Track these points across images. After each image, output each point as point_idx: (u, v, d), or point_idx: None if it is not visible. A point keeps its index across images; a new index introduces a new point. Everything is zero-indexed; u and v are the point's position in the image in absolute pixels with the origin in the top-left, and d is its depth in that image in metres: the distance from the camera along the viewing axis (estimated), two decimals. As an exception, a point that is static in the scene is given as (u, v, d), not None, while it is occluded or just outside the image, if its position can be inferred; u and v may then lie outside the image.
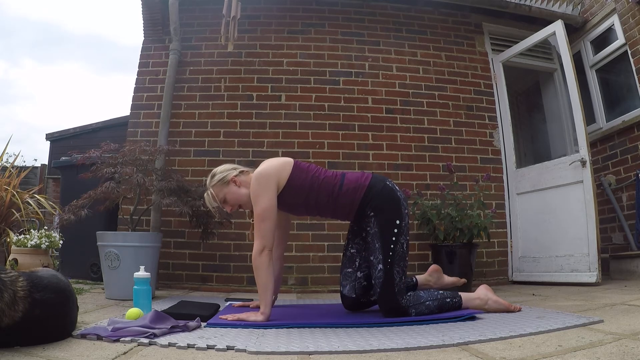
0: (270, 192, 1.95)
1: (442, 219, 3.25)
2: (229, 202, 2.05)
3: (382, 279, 1.94)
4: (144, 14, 3.77)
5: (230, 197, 2.04)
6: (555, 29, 3.63)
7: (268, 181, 1.96)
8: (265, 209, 1.92)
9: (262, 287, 1.89)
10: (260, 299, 1.90)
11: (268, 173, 1.97)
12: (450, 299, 2.01)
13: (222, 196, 2.05)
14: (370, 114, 3.81)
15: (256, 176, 1.96)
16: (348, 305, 2.19)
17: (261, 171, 1.98)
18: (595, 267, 3.15)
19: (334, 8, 4.02)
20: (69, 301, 1.54)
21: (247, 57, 3.85)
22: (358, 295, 2.16)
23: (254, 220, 1.93)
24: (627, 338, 1.37)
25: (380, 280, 1.95)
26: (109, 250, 2.71)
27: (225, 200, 2.05)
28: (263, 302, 1.88)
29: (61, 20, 78.13)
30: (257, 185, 1.95)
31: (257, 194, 1.93)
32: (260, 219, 1.91)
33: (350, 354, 1.34)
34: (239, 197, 2.05)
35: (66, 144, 5.93)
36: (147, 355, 1.32)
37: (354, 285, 2.16)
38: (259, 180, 1.95)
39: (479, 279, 3.59)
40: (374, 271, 1.97)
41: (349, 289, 2.16)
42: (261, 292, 1.89)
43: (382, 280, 1.94)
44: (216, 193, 2.05)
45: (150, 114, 3.69)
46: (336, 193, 2.01)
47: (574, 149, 3.69)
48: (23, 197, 3.26)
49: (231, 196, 2.04)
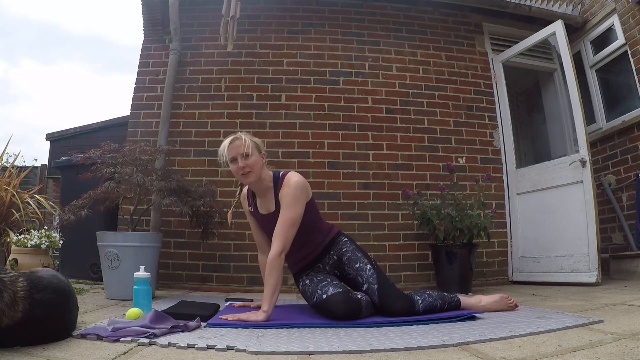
0: (304, 202, 2.03)
1: (442, 219, 3.25)
2: (248, 163, 2.02)
3: (375, 275, 2.02)
4: (144, 14, 3.77)
5: (253, 162, 2.03)
6: (555, 29, 3.63)
7: (306, 192, 2.06)
8: (298, 216, 1.99)
9: (272, 287, 1.89)
10: (265, 298, 1.89)
11: (307, 186, 2.07)
12: (447, 294, 2.09)
13: (250, 154, 2.03)
14: (370, 114, 3.81)
15: (299, 183, 2.02)
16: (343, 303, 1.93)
17: (302, 181, 2.05)
18: (595, 267, 3.15)
19: (334, 8, 4.02)
20: (69, 301, 1.54)
21: (247, 57, 3.85)
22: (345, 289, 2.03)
23: (283, 223, 1.96)
24: (627, 338, 1.37)
25: (375, 276, 2.01)
26: (109, 250, 2.71)
27: (249, 158, 2.02)
28: (268, 302, 1.87)
29: (60, 20, 78.18)
30: (298, 192, 2.00)
31: (297, 199, 1.99)
32: (291, 223, 1.96)
33: (350, 354, 1.34)
34: (255, 169, 2.04)
35: (66, 144, 5.93)
36: (147, 355, 1.32)
37: (337, 283, 2.05)
38: (300, 188, 2.01)
39: (479, 279, 3.60)
40: (365, 273, 2.04)
41: (334, 285, 2.00)
42: (270, 292, 1.88)
43: (376, 276, 2.01)
44: (250, 148, 2.03)
45: (150, 114, 3.69)
46: (323, 236, 2.21)
47: (574, 149, 3.69)
48: (23, 197, 3.26)
49: (254, 162, 2.03)
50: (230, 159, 2.05)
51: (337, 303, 1.89)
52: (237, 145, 2.03)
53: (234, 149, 2.04)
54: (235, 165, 2.04)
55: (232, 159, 2.05)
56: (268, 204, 2.12)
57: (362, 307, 1.93)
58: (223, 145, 2.07)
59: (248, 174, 2.03)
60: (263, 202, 2.14)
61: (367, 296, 1.99)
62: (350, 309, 1.89)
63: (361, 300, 1.94)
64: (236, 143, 2.04)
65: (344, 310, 1.87)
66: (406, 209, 3.52)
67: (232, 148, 2.04)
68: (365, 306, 1.95)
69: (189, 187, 2.98)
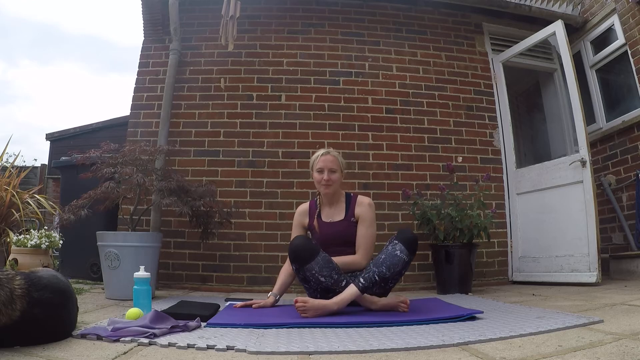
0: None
1: (442, 219, 3.25)
2: (332, 178, 2.37)
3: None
4: (144, 14, 3.77)
5: (336, 178, 2.39)
6: (555, 29, 3.63)
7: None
8: (375, 232, 2.43)
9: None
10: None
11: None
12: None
13: (336, 171, 2.38)
14: (370, 114, 3.81)
15: (372, 205, 2.44)
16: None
17: (372, 203, 2.45)
18: (595, 267, 3.15)
19: (334, 8, 4.02)
20: (69, 301, 1.54)
21: (247, 57, 3.85)
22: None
23: (368, 237, 2.34)
24: (627, 338, 1.37)
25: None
26: (109, 250, 2.71)
27: (334, 174, 2.38)
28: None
29: (59, 20, 78.13)
30: (373, 212, 2.42)
31: (374, 219, 2.42)
32: (374, 239, 2.40)
33: (350, 354, 1.34)
34: (336, 184, 2.40)
35: (66, 144, 5.92)
36: (147, 355, 1.32)
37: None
38: (374, 209, 2.44)
39: (479, 279, 3.60)
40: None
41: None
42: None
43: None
44: (337, 166, 2.39)
45: (150, 114, 3.69)
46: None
47: (574, 149, 3.69)
48: (23, 197, 3.26)
49: (337, 178, 2.39)
50: (318, 169, 2.39)
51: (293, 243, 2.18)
52: (329, 160, 2.38)
53: (324, 162, 2.38)
54: (321, 175, 2.37)
55: (319, 170, 2.39)
56: (334, 214, 2.44)
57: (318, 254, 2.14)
58: (317, 154, 2.44)
59: (329, 186, 2.37)
60: (330, 212, 2.46)
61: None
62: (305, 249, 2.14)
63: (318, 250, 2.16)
64: (328, 157, 2.39)
65: (297, 241, 2.17)
66: (406, 209, 3.52)
67: (323, 160, 2.38)
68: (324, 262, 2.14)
69: (189, 187, 2.98)
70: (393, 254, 2.13)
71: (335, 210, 2.45)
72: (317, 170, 2.38)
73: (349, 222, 2.40)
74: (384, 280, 2.11)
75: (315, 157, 2.43)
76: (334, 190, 2.39)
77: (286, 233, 3.49)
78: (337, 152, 2.51)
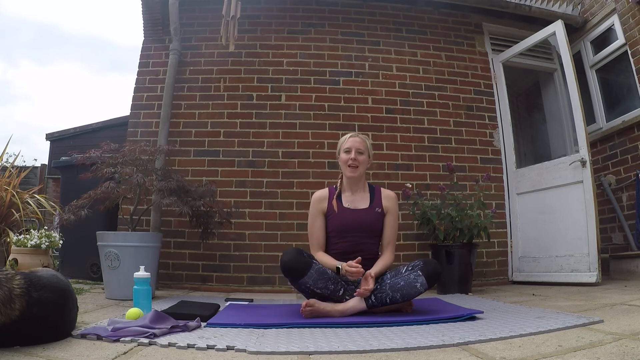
0: None
1: (442, 219, 3.25)
2: (359, 159, 2.32)
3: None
4: (144, 14, 3.77)
5: (362, 160, 2.33)
6: (555, 29, 3.63)
7: None
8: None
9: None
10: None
11: None
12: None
13: (363, 152, 2.34)
14: (370, 114, 3.81)
15: (397, 199, 2.42)
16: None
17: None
18: (595, 267, 3.15)
19: (334, 8, 4.02)
20: (69, 301, 1.53)
21: (247, 57, 3.85)
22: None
23: (395, 231, 2.35)
24: (627, 338, 1.37)
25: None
26: (109, 250, 2.71)
27: (361, 155, 2.33)
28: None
29: (59, 20, 78.08)
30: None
31: (398, 211, 2.41)
32: (396, 231, 2.37)
33: (350, 354, 1.34)
34: (362, 166, 2.34)
35: (66, 144, 5.92)
36: (147, 355, 1.32)
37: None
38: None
39: (479, 279, 3.59)
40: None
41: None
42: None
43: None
44: (365, 148, 2.36)
45: (150, 114, 3.69)
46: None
47: (574, 149, 3.69)
48: (23, 197, 3.26)
49: (363, 160, 2.34)
50: (345, 149, 2.34)
51: (286, 252, 2.11)
52: (357, 141, 2.35)
53: (352, 142, 2.34)
54: (348, 155, 2.32)
55: (347, 150, 2.34)
56: (357, 202, 2.36)
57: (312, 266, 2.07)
58: (345, 137, 2.40)
59: (355, 168, 2.31)
60: (352, 198, 2.37)
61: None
62: (297, 261, 2.05)
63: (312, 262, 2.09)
64: (357, 139, 2.36)
65: (287, 258, 2.07)
66: (406, 209, 3.52)
67: (351, 141, 2.34)
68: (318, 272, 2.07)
69: (189, 187, 2.98)
70: (413, 284, 2.06)
71: (357, 197, 2.36)
72: (345, 150, 2.33)
73: (374, 212, 2.32)
74: (393, 303, 2.08)
75: (343, 139, 2.40)
76: (359, 173, 2.32)
77: (286, 233, 3.50)
78: (366, 134, 2.54)
